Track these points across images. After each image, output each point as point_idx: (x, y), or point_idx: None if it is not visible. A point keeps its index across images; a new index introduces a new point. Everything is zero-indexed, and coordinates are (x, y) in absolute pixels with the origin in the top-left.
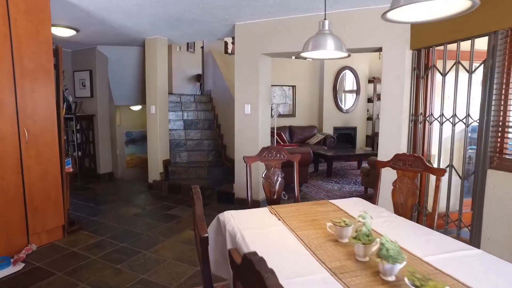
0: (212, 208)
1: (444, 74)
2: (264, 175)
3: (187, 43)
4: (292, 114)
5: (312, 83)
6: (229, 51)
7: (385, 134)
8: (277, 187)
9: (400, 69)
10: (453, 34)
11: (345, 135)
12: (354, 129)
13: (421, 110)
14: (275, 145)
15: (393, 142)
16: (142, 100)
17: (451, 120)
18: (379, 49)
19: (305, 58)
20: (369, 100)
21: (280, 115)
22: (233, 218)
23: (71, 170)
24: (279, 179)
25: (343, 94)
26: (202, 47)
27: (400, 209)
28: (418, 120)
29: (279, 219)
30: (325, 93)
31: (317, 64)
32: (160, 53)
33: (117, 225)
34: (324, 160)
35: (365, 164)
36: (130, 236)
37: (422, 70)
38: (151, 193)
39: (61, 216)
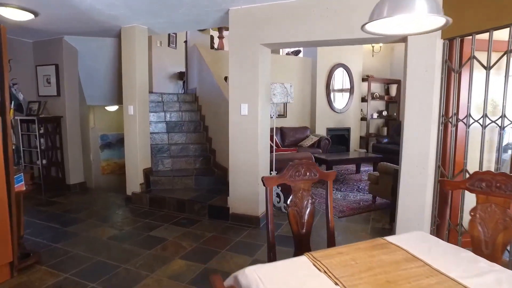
0: (204, 227)
1: (488, 68)
2: (290, 201)
3: (169, 38)
4: (283, 115)
5: (303, 81)
6: (216, 46)
7: (410, 139)
8: (306, 217)
9: (429, 62)
10: (503, 17)
11: (338, 137)
12: (348, 130)
13: (453, 110)
14: (274, 150)
15: (419, 148)
16: (118, 99)
17: (499, 122)
18: (404, 38)
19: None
20: (363, 100)
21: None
22: (262, 284)
23: (24, 188)
24: (309, 206)
25: (336, 93)
26: (186, 42)
27: (483, 248)
28: (451, 122)
29: (337, 283)
30: (318, 92)
31: (309, 61)
32: (139, 45)
33: (87, 254)
34: (319, 164)
35: (364, 168)
36: (104, 270)
37: (456, 63)
38: (130, 207)
39: (8, 251)
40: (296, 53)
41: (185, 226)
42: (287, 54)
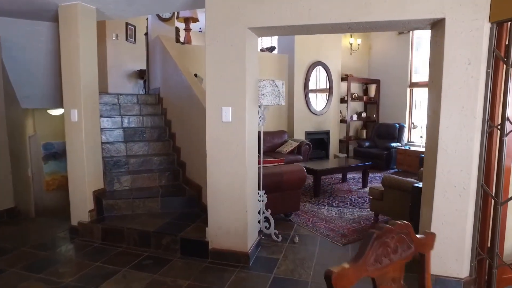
0: (176, 270)
1: None
2: None
3: (126, 31)
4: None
5: (279, 79)
6: (182, 39)
7: (447, 152)
8: None
9: (474, 53)
10: None
11: (317, 141)
12: (327, 133)
13: (499, 114)
14: (262, 162)
15: (460, 164)
16: (62, 101)
17: None
18: (438, 23)
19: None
20: (342, 101)
21: None
22: None
23: None
24: None
25: (314, 94)
26: (146, 34)
27: None
28: (504, 130)
29: None
30: (296, 92)
31: (285, 58)
32: (84, 30)
33: None
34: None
35: (350, 175)
36: None
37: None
38: (75, 243)
39: None
40: (271, 49)
41: (150, 270)
42: (261, 50)
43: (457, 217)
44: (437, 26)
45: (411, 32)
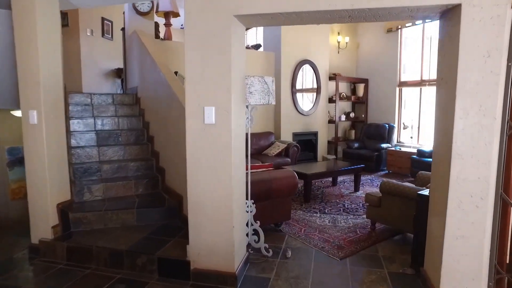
0: None
1: None
2: None
3: (102, 26)
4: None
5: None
6: (162, 35)
7: (463, 158)
8: None
9: (494, 43)
10: None
11: (305, 142)
12: (315, 134)
13: None
14: (250, 168)
15: (477, 171)
16: None
17: None
18: (452, 10)
19: None
20: (330, 100)
21: None
22: None
23: None
24: None
25: (302, 93)
26: (123, 29)
27: None
28: None
29: None
30: (283, 91)
31: (272, 56)
32: (43, 18)
33: None
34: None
35: (341, 178)
36: None
37: None
38: (35, 265)
39: None
40: (257, 47)
41: None
42: (246, 47)
43: (473, 230)
44: (449, 14)
45: (399, 30)
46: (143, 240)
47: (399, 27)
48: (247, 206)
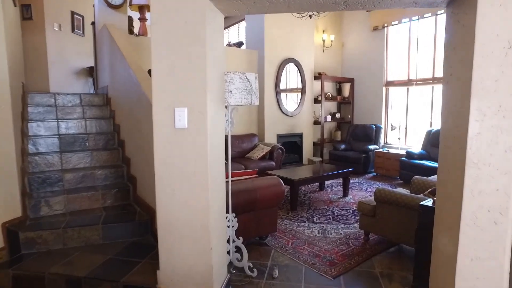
0: None
1: None
2: None
3: (72, 21)
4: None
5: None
6: (136, 31)
7: (479, 163)
8: None
9: None
10: None
11: (290, 144)
12: (300, 135)
13: None
14: (230, 177)
15: (495, 182)
16: None
17: None
18: None
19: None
20: (315, 101)
21: None
22: None
23: None
24: None
25: (286, 93)
26: (93, 23)
27: None
28: None
29: None
30: (266, 91)
31: (255, 54)
32: None
33: None
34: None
35: (329, 182)
36: None
37: None
38: None
39: None
40: (239, 45)
41: None
42: (228, 45)
43: (491, 251)
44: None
45: (385, 28)
46: (107, 263)
47: (385, 25)
48: (228, 221)
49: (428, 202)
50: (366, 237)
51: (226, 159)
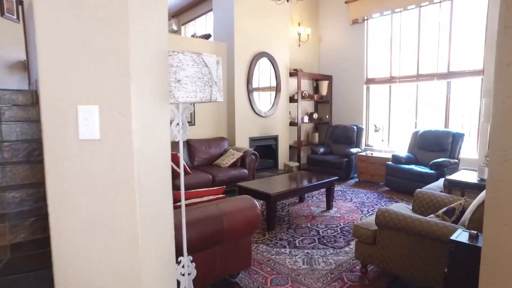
0: None
1: None
2: None
3: (1, 3)
4: (191, 122)
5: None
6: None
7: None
8: None
9: None
10: None
11: (264, 148)
12: (275, 138)
13: None
14: (183, 200)
15: None
16: None
17: None
18: None
19: None
20: (291, 100)
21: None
22: None
23: None
24: None
25: (259, 92)
26: (21, 2)
27: None
28: None
29: None
30: (237, 89)
31: (224, 47)
32: None
33: None
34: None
35: (310, 192)
36: None
37: None
38: None
39: None
40: (206, 37)
41: None
42: (193, 36)
43: None
44: None
45: (365, 21)
46: None
47: (366, 18)
48: (182, 266)
49: (463, 236)
50: (363, 269)
51: (174, 178)
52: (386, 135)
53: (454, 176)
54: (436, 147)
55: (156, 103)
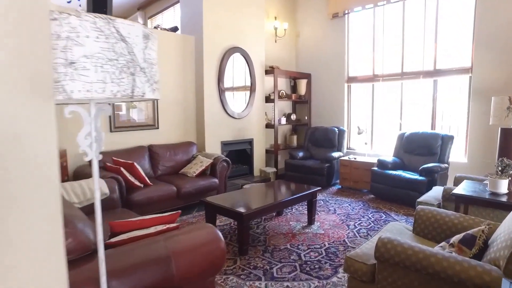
0: None
1: None
2: None
3: None
4: (153, 125)
5: (183, 72)
6: None
7: None
8: None
9: None
10: None
11: (238, 153)
12: (250, 142)
13: None
14: (100, 235)
15: None
16: None
17: None
18: None
19: None
20: (268, 100)
21: (126, 128)
22: None
23: None
24: None
25: (233, 91)
26: None
27: None
28: None
29: None
30: (207, 88)
31: (191, 40)
32: None
33: None
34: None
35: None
36: None
37: None
38: None
39: None
40: (174, 30)
41: None
42: (157, 28)
43: None
44: None
45: (346, 15)
46: None
47: (346, 11)
48: None
49: None
50: None
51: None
52: (369, 138)
53: (460, 190)
54: (424, 150)
55: (23, 102)
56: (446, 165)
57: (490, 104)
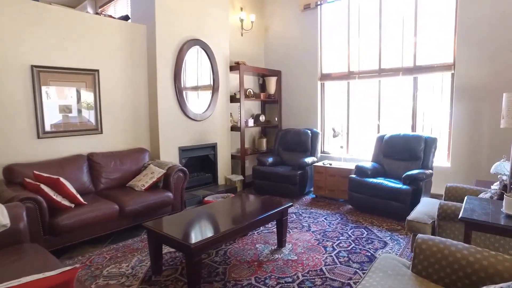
0: None
1: None
2: None
3: None
4: (95, 129)
5: (133, 66)
6: None
7: None
8: None
9: None
10: None
11: (199, 159)
12: (213, 147)
13: None
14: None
15: None
16: None
17: None
18: None
19: None
20: (233, 99)
21: (59, 133)
22: None
23: None
24: None
25: (193, 90)
26: None
27: None
28: None
29: None
30: (161, 86)
31: (143, 30)
32: None
33: None
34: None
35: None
36: None
37: None
38: None
39: None
40: (125, 19)
41: None
42: (99, 14)
43: None
44: None
45: (319, 6)
46: None
47: (319, 3)
48: None
49: None
50: None
51: None
52: (345, 141)
53: (469, 213)
54: (406, 155)
55: None
56: (430, 171)
57: (474, 102)
